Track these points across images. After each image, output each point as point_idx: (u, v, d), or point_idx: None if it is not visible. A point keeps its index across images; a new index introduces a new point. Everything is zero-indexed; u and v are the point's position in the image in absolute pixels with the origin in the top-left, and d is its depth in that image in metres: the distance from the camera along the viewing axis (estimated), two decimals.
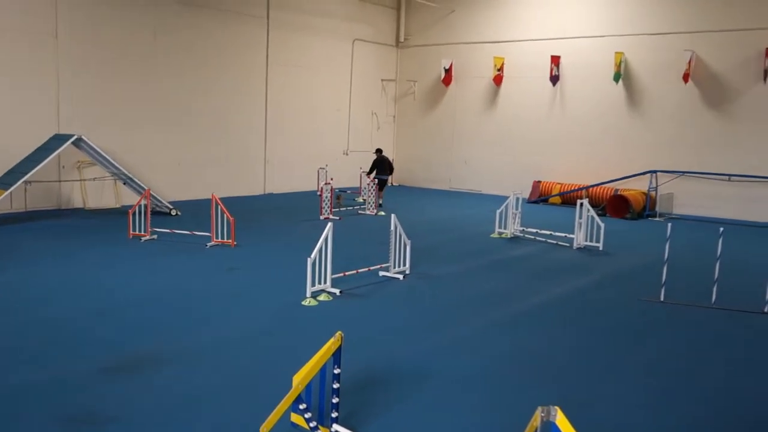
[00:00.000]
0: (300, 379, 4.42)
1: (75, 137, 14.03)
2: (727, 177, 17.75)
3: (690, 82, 18.22)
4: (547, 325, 7.91)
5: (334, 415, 4.72)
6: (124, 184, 15.65)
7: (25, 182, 13.67)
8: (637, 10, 19.25)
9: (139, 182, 15.21)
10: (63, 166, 15.52)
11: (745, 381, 6.31)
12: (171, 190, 17.31)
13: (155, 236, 12.43)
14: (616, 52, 19.18)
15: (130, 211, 12.60)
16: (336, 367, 4.64)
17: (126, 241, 12.15)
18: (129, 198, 16.04)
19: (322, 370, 4.59)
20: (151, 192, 14.51)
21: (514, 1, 21.54)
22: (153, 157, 17.22)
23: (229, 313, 7.94)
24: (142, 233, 12.38)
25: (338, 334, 4.60)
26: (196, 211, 15.42)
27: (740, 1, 17.64)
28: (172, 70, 17.56)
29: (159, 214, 15.00)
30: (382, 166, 17.85)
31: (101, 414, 5.05)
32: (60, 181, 15.51)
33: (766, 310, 8.67)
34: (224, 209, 11.93)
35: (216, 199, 12.00)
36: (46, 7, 14.93)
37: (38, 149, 14.09)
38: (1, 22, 14.26)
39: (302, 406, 4.45)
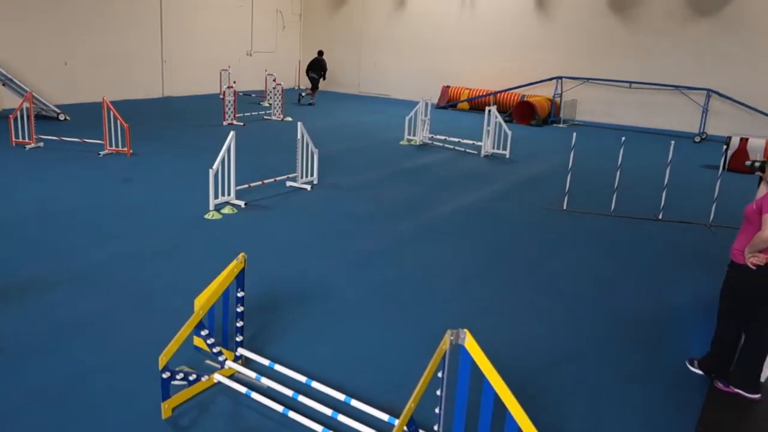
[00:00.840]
0: (201, 304, 4.18)
1: None
2: (628, 84, 18.19)
3: None
4: (454, 238, 7.94)
5: (238, 339, 4.55)
6: (3, 85, 14.27)
7: None
8: None
9: (19, 83, 13.91)
10: None
11: (639, 288, 6.60)
12: (58, 92, 15.98)
13: (41, 144, 11.51)
14: None
15: (10, 116, 11.54)
16: (239, 290, 4.43)
17: (8, 149, 11.18)
18: (10, 100, 14.68)
19: (225, 293, 4.37)
20: (35, 95, 13.36)
21: None
22: (36, 55, 15.70)
23: (125, 228, 7.48)
24: (27, 141, 11.42)
25: (241, 255, 4.35)
26: (88, 116, 14.36)
27: None
28: None
29: (46, 119, 13.91)
30: (314, 65, 19.24)
31: None
32: None
33: (660, 217, 9.06)
34: (117, 114, 11.13)
35: (107, 104, 11.15)
36: None
37: None
38: None
39: (204, 332, 4.25)
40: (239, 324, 4.52)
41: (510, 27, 19.90)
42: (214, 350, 4.38)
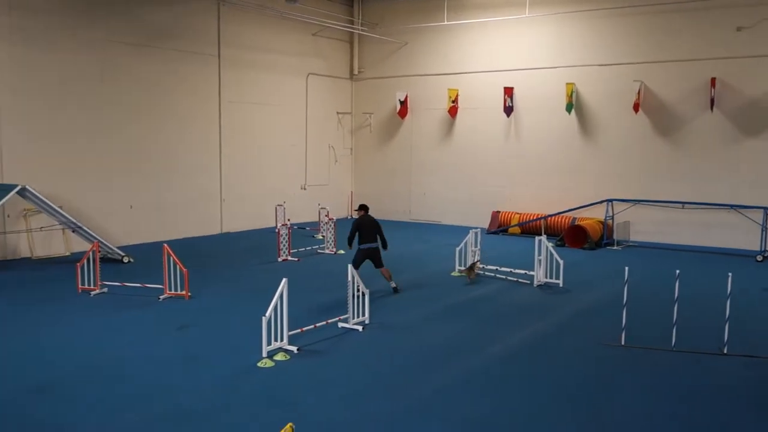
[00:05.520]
0: None
1: (19, 187, 13.51)
2: (681, 204, 18.02)
3: (640, 111, 18.53)
4: (507, 383, 7.71)
5: None
6: (74, 232, 15.13)
7: None
8: (586, 41, 19.57)
9: (88, 230, 14.70)
10: (8, 215, 14.93)
11: None
12: (123, 234, 16.83)
13: (105, 289, 11.96)
14: (567, 83, 19.42)
15: (78, 264, 12.11)
16: None
17: (74, 297, 11.67)
18: (80, 244, 15.51)
19: None
20: (101, 240, 14.08)
21: (466, 34, 21.70)
22: (104, 201, 16.71)
23: (178, 382, 7.59)
24: (92, 287, 11.92)
25: (288, 426, 4.36)
26: (150, 257, 14.91)
27: (686, 33, 18.08)
28: (122, 111, 17.13)
29: (111, 262, 14.52)
30: (365, 230, 11.96)
31: None
32: (5, 233, 14.91)
33: (725, 351, 8.67)
34: (177, 260, 11.55)
35: (168, 250, 11.63)
36: None
37: None
38: None
39: None
40: None
41: (556, 152, 20.23)
42: None
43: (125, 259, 14.88)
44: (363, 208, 12.37)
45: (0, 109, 14.75)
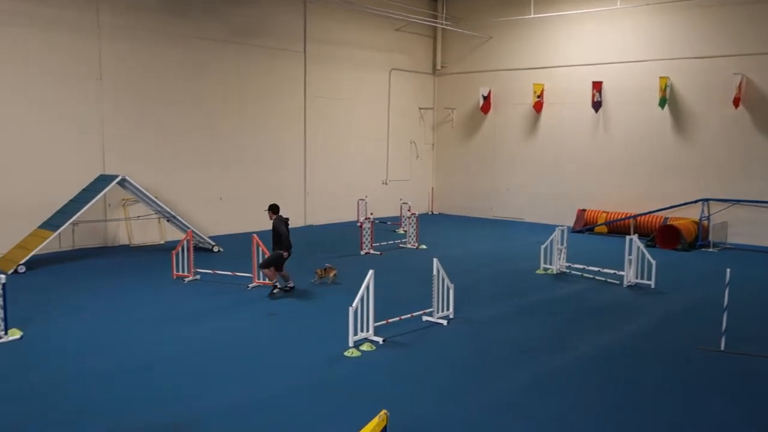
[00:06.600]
0: None
1: (119, 178, 14.20)
2: None
3: (741, 106, 17.61)
4: (595, 385, 7.48)
5: None
6: (168, 221, 15.77)
7: (72, 223, 13.87)
8: (681, 33, 18.75)
9: (182, 220, 15.29)
10: (109, 205, 15.73)
11: None
12: (213, 224, 17.42)
13: (198, 276, 12.43)
14: (660, 77, 18.67)
15: (173, 252, 12.63)
16: None
17: (170, 282, 12.19)
18: (173, 233, 16.19)
19: None
20: (193, 230, 14.62)
21: (552, 27, 21.23)
22: (195, 192, 17.37)
23: (268, 368, 7.78)
24: (186, 274, 12.40)
25: (383, 413, 4.38)
26: (239, 247, 15.37)
27: None
28: (211, 107, 17.73)
29: (202, 251, 15.04)
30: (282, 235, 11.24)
31: None
32: (106, 221, 15.71)
33: None
34: (265, 250, 11.85)
35: (257, 240, 11.95)
36: (90, 50, 15.25)
37: (84, 190, 14.31)
38: (47, 66, 14.61)
39: None
40: None
41: (647, 149, 19.52)
42: None
43: (215, 249, 15.40)
44: (276, 208, 11.42)
45: (103, 105, 15.54)
